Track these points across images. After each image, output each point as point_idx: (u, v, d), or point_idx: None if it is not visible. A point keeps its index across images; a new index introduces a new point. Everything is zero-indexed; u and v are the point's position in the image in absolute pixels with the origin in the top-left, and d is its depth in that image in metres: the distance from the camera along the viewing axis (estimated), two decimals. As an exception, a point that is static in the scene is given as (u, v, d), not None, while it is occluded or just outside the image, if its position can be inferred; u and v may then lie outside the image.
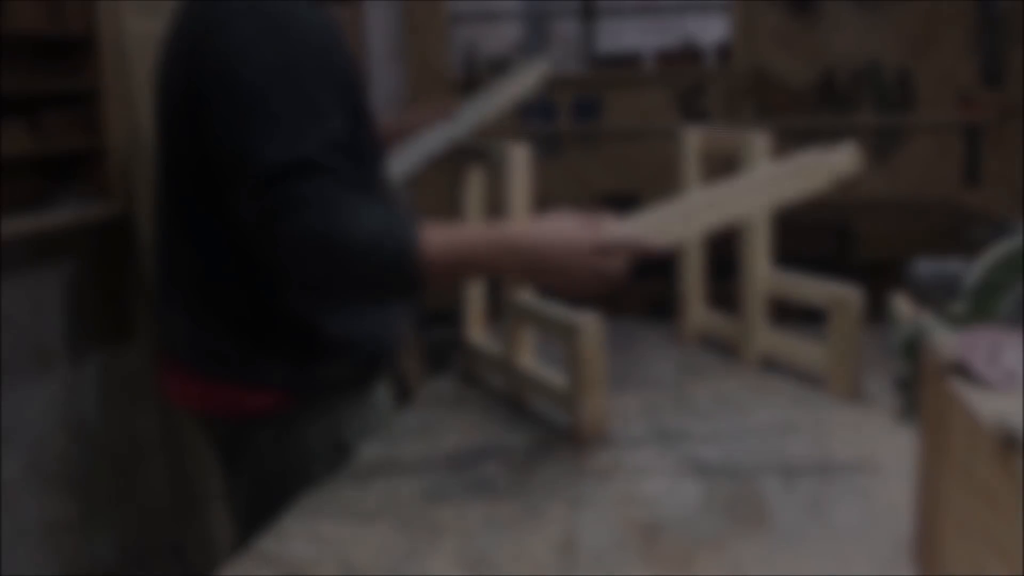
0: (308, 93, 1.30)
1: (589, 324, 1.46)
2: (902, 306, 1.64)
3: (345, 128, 1.32)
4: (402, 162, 1.81)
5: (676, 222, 1.33)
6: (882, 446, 1.44)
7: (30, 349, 2.37)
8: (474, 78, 4.65)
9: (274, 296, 1.45)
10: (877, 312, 4.00)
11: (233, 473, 1.55)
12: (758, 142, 1.78)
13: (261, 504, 1.49)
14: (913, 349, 1.48)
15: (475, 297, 1.81)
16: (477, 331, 1.81)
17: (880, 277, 4.06)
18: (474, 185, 1.79)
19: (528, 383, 1.63)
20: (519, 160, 1.58)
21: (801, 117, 4.38)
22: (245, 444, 1.50)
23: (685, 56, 4.52)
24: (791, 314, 3.17)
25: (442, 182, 3.20)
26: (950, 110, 4.28)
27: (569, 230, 1.26)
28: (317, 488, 1.33)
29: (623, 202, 4.23)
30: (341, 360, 1.51)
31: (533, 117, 4.63)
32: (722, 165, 1.64)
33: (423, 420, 1.60)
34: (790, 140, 4.36)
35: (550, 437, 1.51)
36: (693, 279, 2.01)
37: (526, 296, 1.63)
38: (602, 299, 1.31)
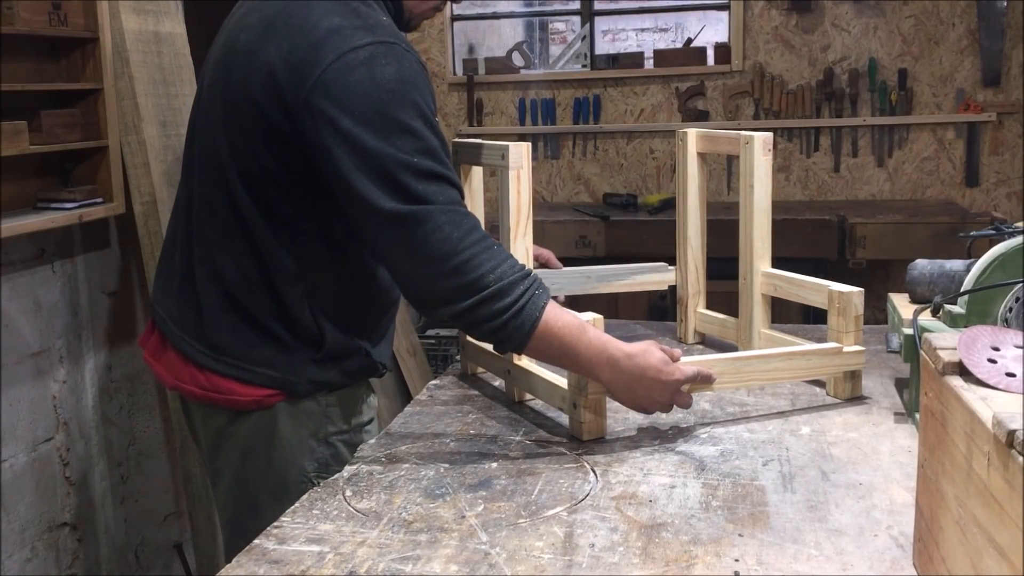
0: (424, 112, 1.37)
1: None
2: (902, 306, 1.64)
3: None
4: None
5: (729, 370, 1.54)
6: (882, 446, 1.44)
7: (30, 349, 2.37)
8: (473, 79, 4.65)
9: (293, 297, 1.48)
10: (877, 312, 4.00)
11: (213, 459, 1.59)
12: (758, 142, 1.79)
13: (242, 492, 1.56)
14: (913, 349, 1.48)
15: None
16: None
17: (880, 277, 4.06)
18: (474, 185, 1.79)
19: (528, 383, 1.63)
20: (519, 160, 1.58)
21: (801, 117, 4.38)
22: (229, 432, 1.54)
23: (685, 56, 4.51)
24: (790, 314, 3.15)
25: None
26: (950, 110, 4.28)
27: (656, 365, 1.42)
28: (317, 488, 1.33)
29: (623, 202, 4.22)
30: (337, 364, 1.55)
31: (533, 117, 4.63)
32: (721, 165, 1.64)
33: (423, 420, 1.60)
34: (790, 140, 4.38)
35: (550, 437, 1.51)
36: (693, 279, 2.01)
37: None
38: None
